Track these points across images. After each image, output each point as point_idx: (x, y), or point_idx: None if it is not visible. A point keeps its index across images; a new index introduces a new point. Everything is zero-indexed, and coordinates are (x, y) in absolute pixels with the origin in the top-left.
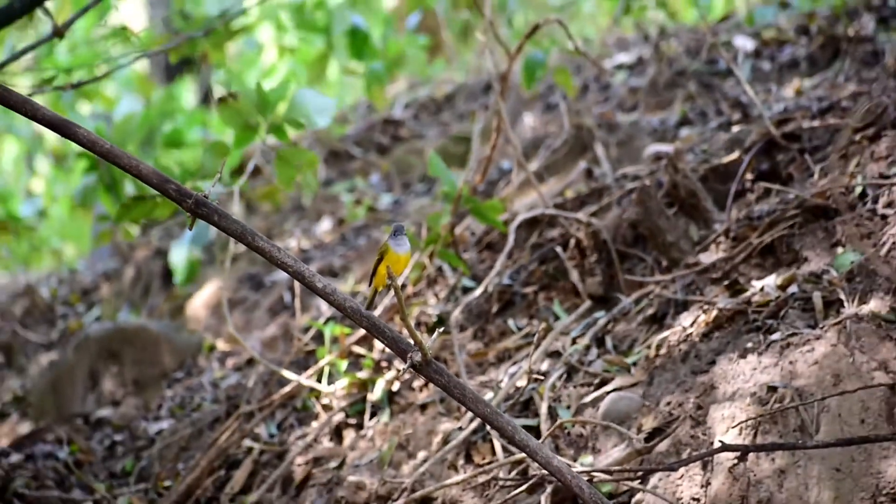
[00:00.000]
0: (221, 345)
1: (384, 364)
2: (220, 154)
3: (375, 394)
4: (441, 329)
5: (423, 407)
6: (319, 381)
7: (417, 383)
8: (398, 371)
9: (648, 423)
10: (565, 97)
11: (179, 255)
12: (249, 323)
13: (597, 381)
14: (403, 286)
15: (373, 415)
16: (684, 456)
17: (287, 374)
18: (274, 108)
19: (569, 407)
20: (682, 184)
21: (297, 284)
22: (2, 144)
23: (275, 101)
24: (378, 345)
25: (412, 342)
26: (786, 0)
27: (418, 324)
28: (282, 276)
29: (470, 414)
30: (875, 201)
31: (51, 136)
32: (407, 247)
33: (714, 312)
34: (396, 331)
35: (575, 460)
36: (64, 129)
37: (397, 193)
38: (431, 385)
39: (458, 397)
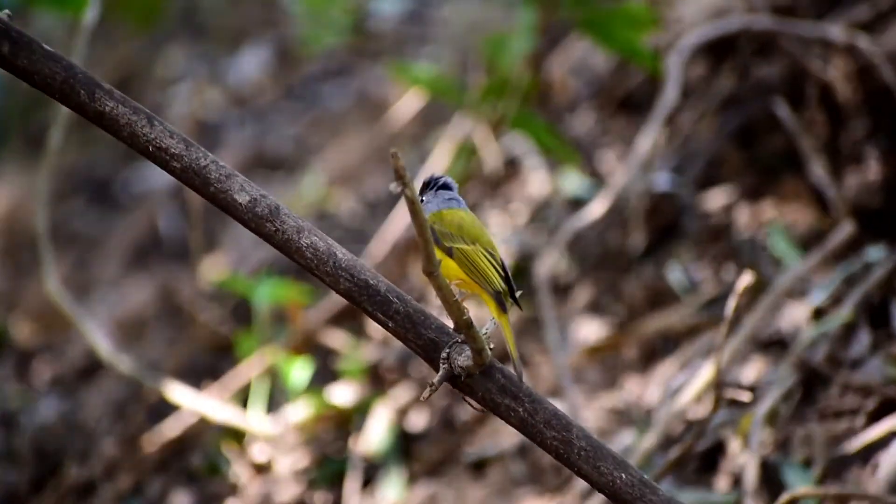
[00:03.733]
0: (23, 331)
1: (387, 372)
2: None
3: (370, 437)
4: (516, 292)
5: (479, 466)
6: (245, 407)
7: (464, 413)
8: (429, 387)
9: None
10: None
11: None
12: (88, 281)
13: (871, 403)
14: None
15: (366, 482)
16: None
17: (173, 393)
18: None
19: (808, 463)
20: None
21: (190, 196)
22: None
23: None
24: (375, 329)
25: (451, 324)
26: None
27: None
28: (157, 178)
29: (580, 483)
30: None
31: None
32: (463, 202)
33: None
34: (412, 300)
35: None
36: None
37: None
38: (494, 418)
39: (554, 447)
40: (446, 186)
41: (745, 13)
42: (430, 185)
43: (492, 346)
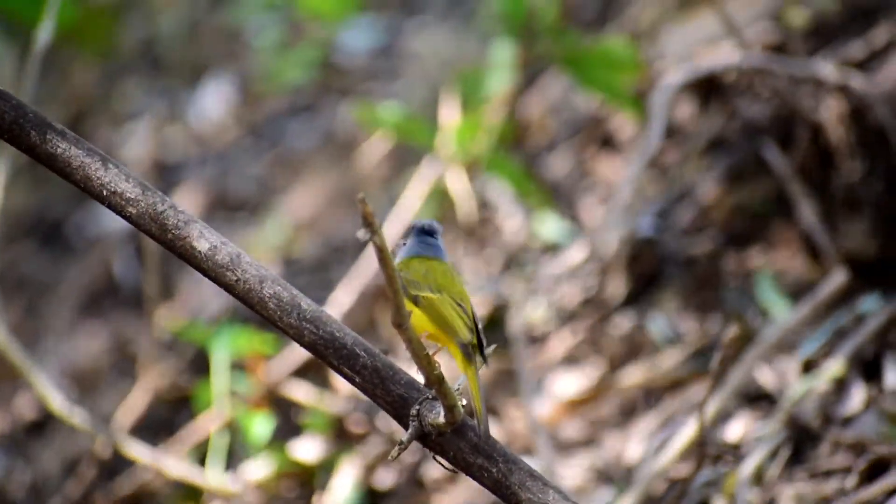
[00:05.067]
0: None
1: (354, 426)
2: None
3: (336, 495)
4: (487, 347)
5: None
6: (203, 463)
7: (435, 470)
8: (398, 445)
9: None
10: None
11: None
12: (39, 328)
13: (863, 461)
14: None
15: None
16: None
17: (128, 448)
18: None
19: None
20: None
21: (147, 239)
22: None
23: None
24: (342, 379)
25: (422, 379)
26: None
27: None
28: (113, 221)
29: None
30: None
31: None
32: (442, 251)
33: None
34: (381, 353)
35: None
36: None
37: (387, 17)
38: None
39: None
40: (429, 231)
41: (733, 50)
42: (412, 230)
43: (464, 402)
